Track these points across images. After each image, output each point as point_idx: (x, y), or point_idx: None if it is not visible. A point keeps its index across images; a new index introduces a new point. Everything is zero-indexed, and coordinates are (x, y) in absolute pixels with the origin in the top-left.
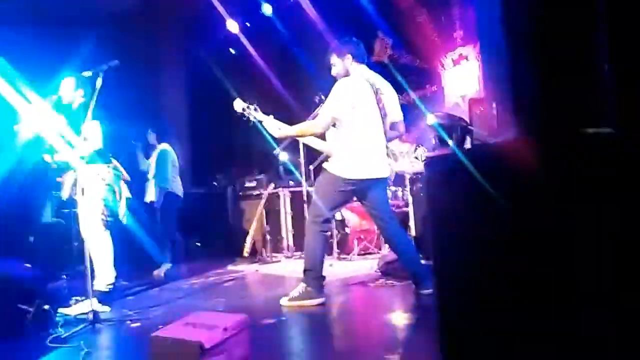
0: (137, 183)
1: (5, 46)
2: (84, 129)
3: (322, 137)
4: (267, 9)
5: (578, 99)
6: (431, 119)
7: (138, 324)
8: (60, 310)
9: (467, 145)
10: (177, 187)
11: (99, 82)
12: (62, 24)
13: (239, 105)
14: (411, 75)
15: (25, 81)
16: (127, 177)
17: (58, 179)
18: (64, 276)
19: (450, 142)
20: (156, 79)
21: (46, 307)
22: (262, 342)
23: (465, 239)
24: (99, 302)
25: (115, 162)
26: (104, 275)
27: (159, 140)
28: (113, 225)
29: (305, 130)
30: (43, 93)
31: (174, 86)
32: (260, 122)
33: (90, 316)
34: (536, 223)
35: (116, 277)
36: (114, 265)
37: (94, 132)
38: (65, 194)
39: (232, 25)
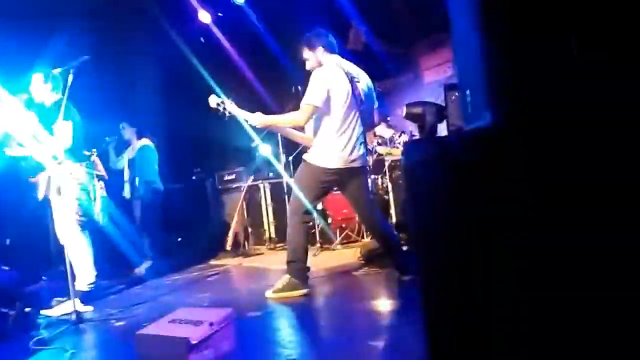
0: (112, 180)
1: None
2: (54, 128)
3: (299, 128)
4: None
5: (551, 84)
6: (404, 110)
7: (122, 323)
8: (42, 312)
9: (443, 131)
10: (159, 182)
11: (69, 79)
12: (30, 18)
13: (213, 100)
14: (388, 62)
15: None
16: (104, 174)
17: (31, 179)
18: (44, 277)
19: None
20: (129, 73)
21: (27, 309)
22: (249, 335)
23: (445, 226)
24: (81, 302)
25: (95, 158)
26: (84, 275)
27: (139, 136)
28: (90, 224)
29: (288, 120)
30: (13, 90)
31: (147, 80)
32: (236, 116)
33: (73, 317)
34: (510, 209)
35: (97, 276)
36: (94, 264)
37: (63, 131)
38: (40, 195)
39: (204, 16)
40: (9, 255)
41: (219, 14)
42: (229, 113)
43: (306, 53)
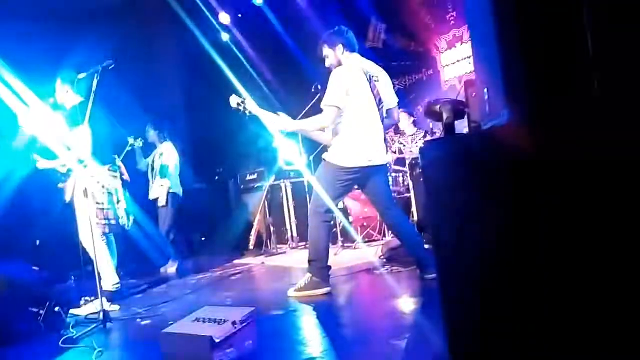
0: (138, 182)
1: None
2: (74, 133)
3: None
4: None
5: (566, 81)
6: (423, 108)
7: (148, 322)
8: (71, 311)
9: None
10: (178, 186)
11: (94, 83)
12: (55, 21)
13: (234, 100)
14: (407, 59)
15: (23, 82)
16: (127, 178)
17: (60, 185)
18: (73, 277)
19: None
20: (153, 75)
21: (57, 308)
22: (271, 334)
23: (463, 223)
24: (109, 301)
25: (119, 162)
26: (108, 277)
27: (161, 139)
28: (114, 227)
29: (312, 125)
30: (40, 94)
31: (171, 81)
32: (256, 115)
33: (101, 316)
34: (526, 206)
35: (123, 276)
36: (120, 264)
37: (82, 139)
38: (67, 197)
39: (224, 18)
40: (39, 256)
41: (239, 15)
42: (250, 112)
43: (326, 51)
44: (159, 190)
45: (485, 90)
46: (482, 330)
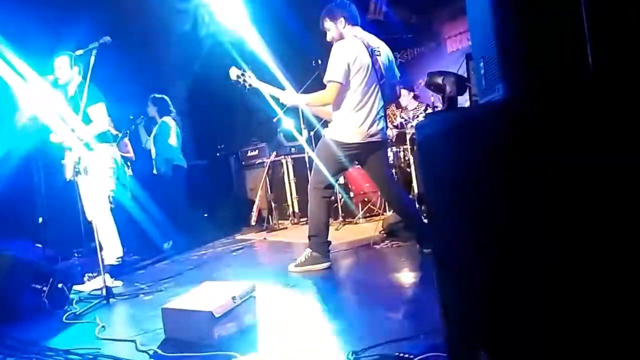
0: (143, 158)
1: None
2: (89, 111)
3: None
4: None
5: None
6: (425, 79)
7: (150, 297)
8: (75, 287)
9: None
10: (181, 158)
11: (91, 61)
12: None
13: (233, 72)
14: (408, 32)
15: (22, 59)
16: (132, 155)
17: (63, 162)
18: (76, 254)
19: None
20: (153, 51)
21: (60, 285)
22: (272, 308)
23: (459, 202)
24: (111, 277)
25: (126, 139)
26: (112, 249)
27: (160, 114)
28: (115, 202)
29: (316, 100)
30: (39, 71)
31: (170, 57)
32: (256, 88)
33: (104, 292)
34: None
35: (125, 251)
36: (123, 240)
37: (99, 114)
38: (68, 175)
39: None
40: (42, 233)
41: None
42: (250, 85)
43: (327, 24)
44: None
45: (481, 64)
46: (479, 309)
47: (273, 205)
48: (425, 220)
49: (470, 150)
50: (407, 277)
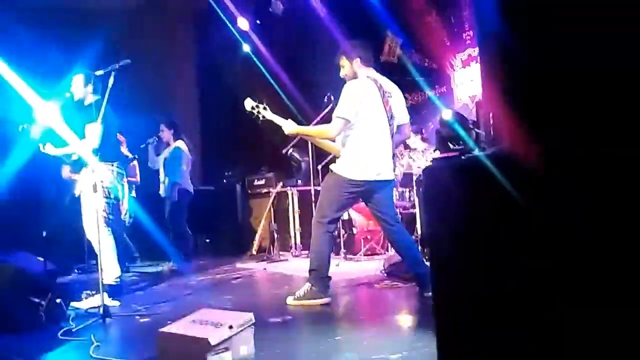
0: (149, 178)
1: (17, 42)
2: (86, 128)
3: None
4: (277, 8)
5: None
6: (447, 114)
7: (147, 319)
8: (72, 304)
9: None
10: (189, 183)
11: (111, 81)
12: (73, 19)
13: (249, 104)
14: (420, 75)
15: (37, 77)
16: (137, 180)
17: (69, 175)
18: (76, 270)
19: (468, 140)
20: (166, 75)
21: (58, 300)
22: (268, 341)
23: (464, 248)
24: (109, 296)
25: (135, 163)
26: (110, 269)
27: (175, 137)
28: (115, 223)
29: (320, 133)
30: (55, 90)
31: (184, 82)
32: (270, 121)
33: (101, 310)
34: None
35: (123, 272)
36: (122, 261)
37: (93, 133)
38: (77, 191)
39: (243, 23)
40: (44, 247)
41: (257, 22)
42: (263, 117)
43: (343, 61)
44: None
45: (490, 115)
46: (474, 353)
47: (275, 236)
48: (427, 263)
49: (477, 197)
50: (406, 319)
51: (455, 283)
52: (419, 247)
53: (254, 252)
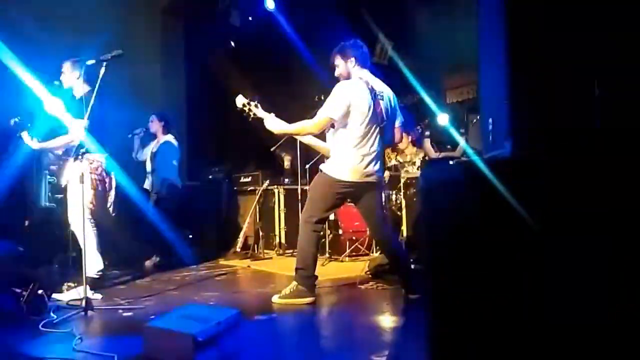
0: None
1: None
2: (72, 122)
3: (322, 137)
4: (270, 4)
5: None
6: (443, 118)
7: (130, 313)
8: (53, 295)
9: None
10: (177, 178)
11: (102, 71)
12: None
13: (240, 101)
14: (411, 78)
15: (24, 65)
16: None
17: (52, 167)
18: (56, 262)
19: (462, 142)
20: (154, 69)
21: (40, 291)
22: (253, 338)
23: (457, 249)
24: (91, 289)
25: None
26: (92, 262)
27: (165, 131)
28: (100, 215)
29: (302, 129)
30: (40, 78)
31: (172, 77)
32: (261, 119)
33: (83, 303)
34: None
35: (106, 266)
36: (104, 254)
37: (79, 128)
38: (63, 181)
39: (235, 19)
40: (27, 237)
41: (249, 18)
42: (254, 115)
43: (338, 61)
44: (153, 180)
45: (490, 120)
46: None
47: (260, 233)
48: (413, 265)
49: (474, 202)
50: (390, 320)
51: (450, 286)
52: (406, 250)
53: (238, 250)
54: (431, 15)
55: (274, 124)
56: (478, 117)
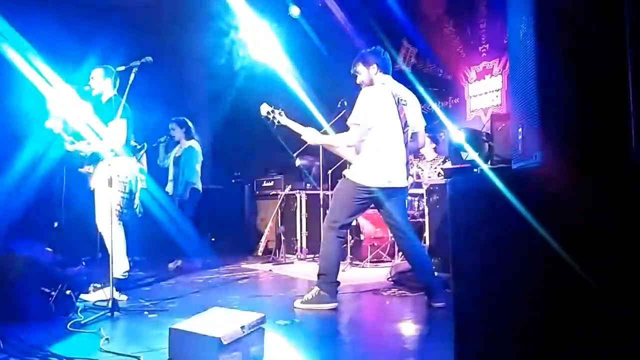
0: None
1: (32, 32)
2: (110, 124)
3: None
4: (294, 11)
5: (609, 125)
6: (458, 136)
7: (155, 315)
8: (81, 296)
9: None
10: (199, 182)
11: (131, 77)
12: (88, 12)
13: (264, 109)
14: (434, 85)
15: (53, 68)
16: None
17: (85, 169)
18: (83, 262)
19: (477, 158)
20: (179, 73)
21: (68, 292)
22: (276, 343)
23: (482, 257)
24: (117, 290)
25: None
26: (119, 263)
27: (187, 137)
28: (127, 216)
29: (339, 141)
30: (69, 81)
31: (196, 81)
32: (284, 125)
33: (109, 304)
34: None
35: (131, 266)
36: (130, 255)
37: (119, 129)
38: (92, 184)
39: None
40: (55, 238)
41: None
42: (278, 122)
43: (360, 68)
44: (178, 184)
45: (520, 129)
46: None
47: (282, 238)
48: (436, 274)
49: (502, 211)
50: (413, 328)
51: (476, 294)
52: (429, 257)
53: (260, 254)
54: (454, 19)
55: (310, 135)
56: (503, 125)
